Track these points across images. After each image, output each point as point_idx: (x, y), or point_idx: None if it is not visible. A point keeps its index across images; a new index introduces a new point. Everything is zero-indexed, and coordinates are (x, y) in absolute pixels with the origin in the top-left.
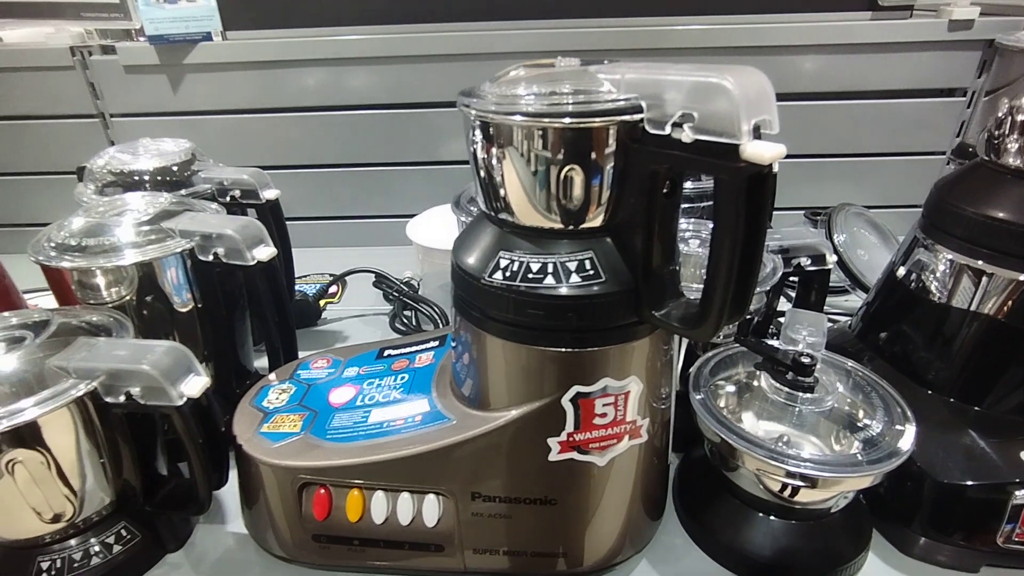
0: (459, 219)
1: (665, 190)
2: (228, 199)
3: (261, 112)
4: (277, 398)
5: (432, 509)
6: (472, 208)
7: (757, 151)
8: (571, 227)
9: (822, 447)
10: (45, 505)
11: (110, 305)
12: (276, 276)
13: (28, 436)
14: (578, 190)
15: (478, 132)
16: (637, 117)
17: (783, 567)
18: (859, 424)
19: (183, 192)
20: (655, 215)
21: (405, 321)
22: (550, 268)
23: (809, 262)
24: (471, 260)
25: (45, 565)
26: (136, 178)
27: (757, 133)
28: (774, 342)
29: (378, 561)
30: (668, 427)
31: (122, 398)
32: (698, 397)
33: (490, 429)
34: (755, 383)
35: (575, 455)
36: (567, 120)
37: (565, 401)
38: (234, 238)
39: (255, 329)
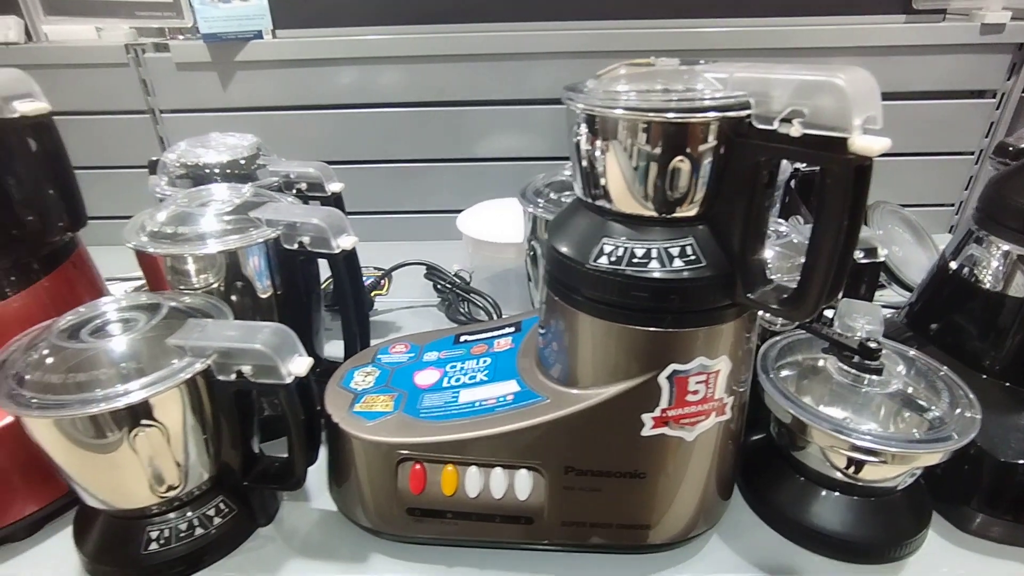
0: (526, 210)
1: (764, 181)
2: (294, 192)
3: (305, 109)
4: (364, 380)
5: (524, 483)
6: (539, 200)
7: (867, 144)
8: (669, 215)
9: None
10: (158, 477)
11: (201, 290)
12: (356, 264)
13: (148, 411)
14: (682, 181)
15: (583, 125)
16: (744, 113)
17: (851, 541)
18: (922, 407)
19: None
20: (753, 204)
21: (461, 312)
22: (654, 253)
23: (862, 255)
24: (572, 246)
25: (154, 535)
26: (206, 171)
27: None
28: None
29: (468, 533)
30: (744, 409)
31: (233, 376)
32: (768, 378)
33: (588, 406)
34: (817, 367)
35: (666, 430)
36: (673, 116)
37: (662, 378)
38: (321, 227)
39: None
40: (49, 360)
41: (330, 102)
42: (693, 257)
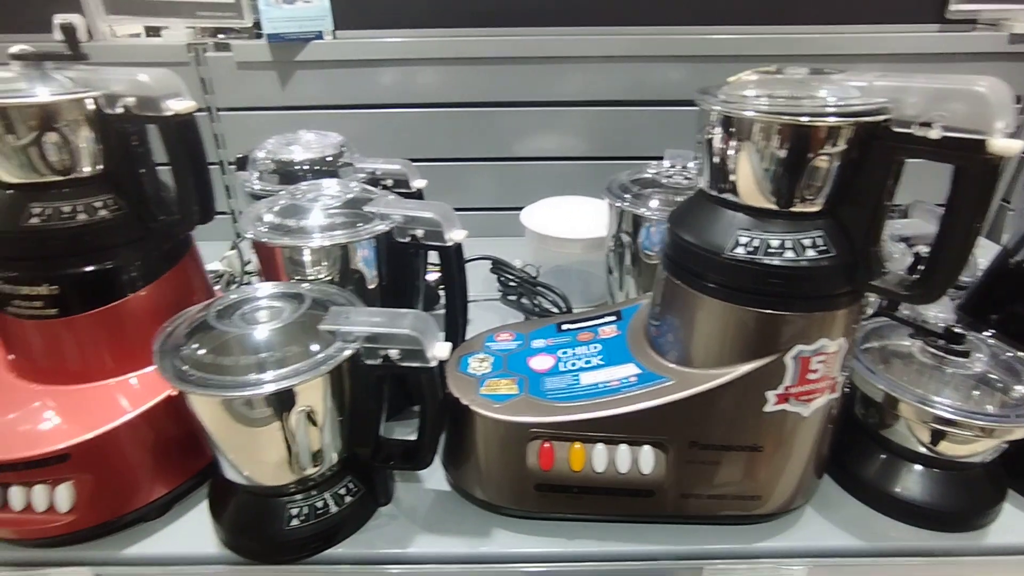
0: (613, 205)
1: (892, 178)
2: (380, 188)
3: (357, 108)
4: (480, 365)
5: (648, 458)
6: (626, 195)
7: (1006, 146)
8: (796, 208)
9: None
10: (303, 457)
11: (316, 280)
12: (463, 257)
13: (302, 394)
14: (817, 179)
15: (718, 126)
16: (881, 118)
17: (938, 511)
18: (1003, 387)
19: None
20: (881, 199)
21: (532, 306)
22: (788, 244)
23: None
24: (704, 237)
25: (294, 511)
26: (295, 168)
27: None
28: None
29: (591, 507)
30: (844, 389)
31: (378, 360)
32: (858, 360)
33: (716, 384)
34: (899, 352)
35: (787, 406)
36: (817, 120)
37: (788, 358)
38: (435, 220)
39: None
40: (212, 342)
41: (381, 101)
42: (824, 247)
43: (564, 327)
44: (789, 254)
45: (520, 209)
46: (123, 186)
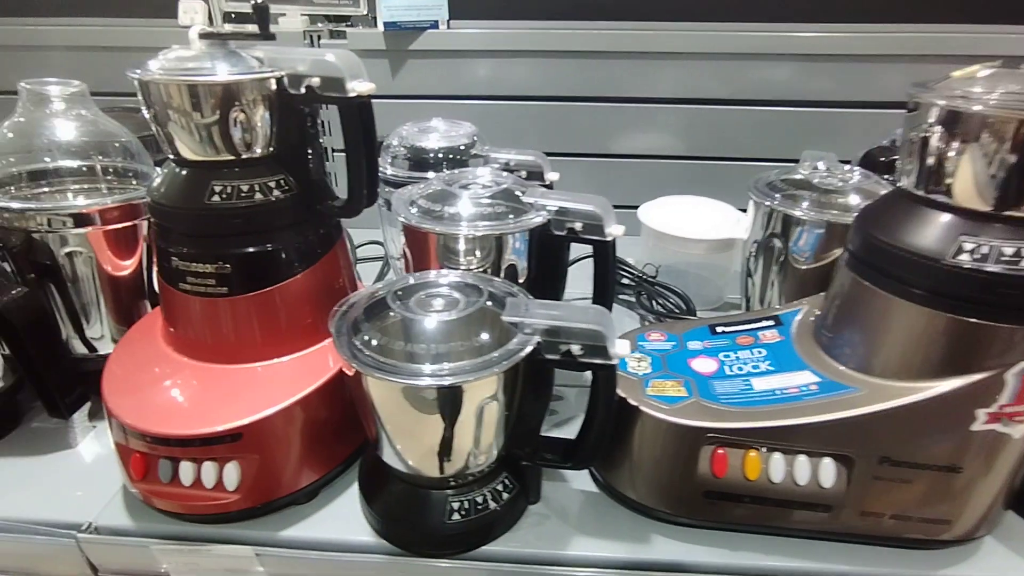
0: (754, 201)
1: None
2: None
3: (472, 99)
4: (638, 365)
5: (828, 471)
6: (775, 195)
7: None
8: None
9: None
10: (472, 450)
11: (473, 270)
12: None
13: (482, 386)
14: None
15: (938, 123)
16: None
17: None
18: None
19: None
20: None
21: (650, 305)
22: None
23: None
24: (912, 240)
25: (455, 505)
26: (428, 155)
27: None
28: None
29: (760, 519)
30: None
31: (557, 355)
32: None
33: (919, 399)
34: None
35: (997, 426)
36: None
37: (1009, 375)
38: (597, 214)
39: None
40: (391, 325)
41: (495, 93)
42: None
43: (719, 330)
44: None
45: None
46: (293, 167)
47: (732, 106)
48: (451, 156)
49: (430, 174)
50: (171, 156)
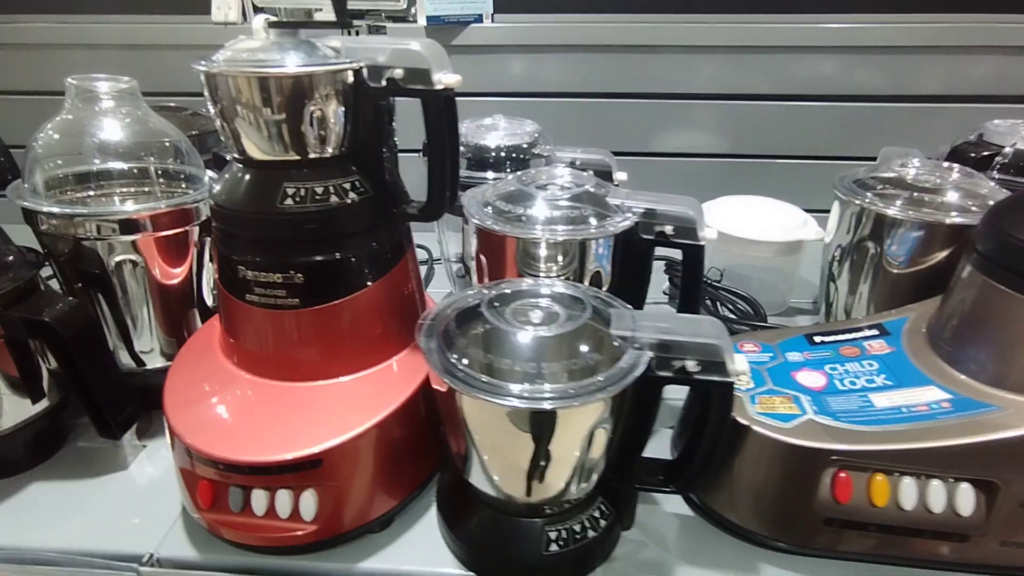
0: (840, 200)
1: None
2: None
3: (516, 96)
4: (740, 379)
5: (967, 498)
6: (866, 193)
7: None
8: None
9: None
10: (573, 475)
11: (555, 276)
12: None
13: (592, 408)
14: None
15: None
16: None
17: None
18: None
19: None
20: None
21: (723, 311)
22: None
23: None
24: None
25: (552, 535)
26: (488, 154)
27: None
28: None
29: (886, 548)
30: None
31: (669, 372)
32: None
33: None
34: None
35: None
36: None
37: None
38: (691, 217)
39: None
40: (488, 340)
41: (540, 90)
42: None
43: (817, 340)
44: None
45: None
46: (368, 167)
47: (775, 101)
48: (514, 155)
49: (490, 174)
50: (236, 156)
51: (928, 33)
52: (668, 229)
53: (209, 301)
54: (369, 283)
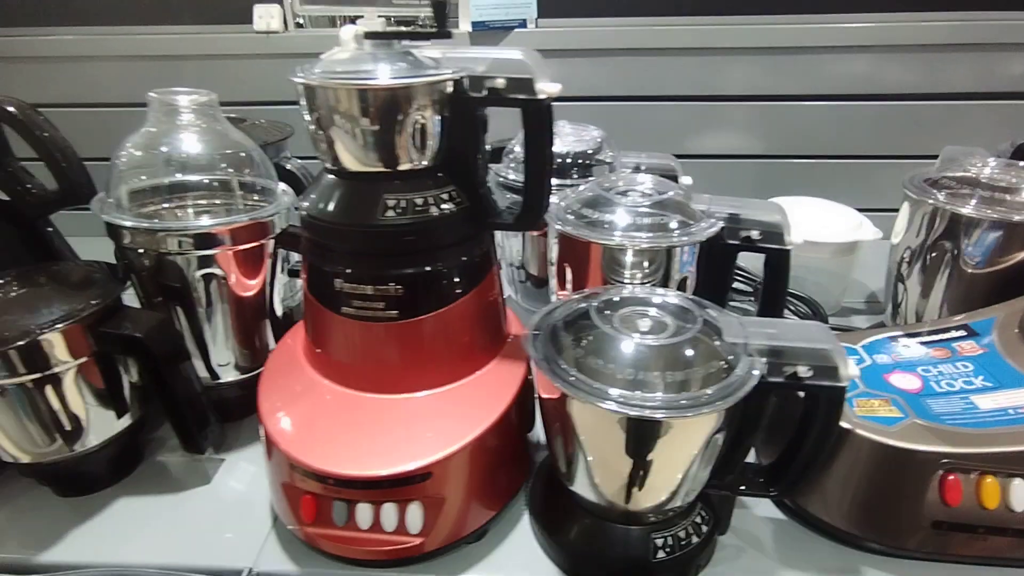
0: (911, 200)
1: None
2: None
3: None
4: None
5: None
6: (938, 193)
7: None
8: None
9: None
10: (683, 482)
11: (639, 283)
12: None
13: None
14: None
15: None
16: None
17: None
18: None
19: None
20: None
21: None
22: None
23: None
24: None
25: (659, 542)
26: (555, 161)
27: None
28: None
29: (994, 550)
30: None
31: (781, 378)
32: None
33: None
34: None
35: None
36: None
37: None
38: (778, 223)
39: None
40: (607, 350)
41: (587, 94)
42: None
43: (903, 342)
44: None
45: None
46: (462, 177)
47: (808, 101)
48: (579, 161)
49: (553, 180)
50: (330, 167)
51: (959, 30)
52: (754, 234)
53: (279, 312)
54: (464, 293)
